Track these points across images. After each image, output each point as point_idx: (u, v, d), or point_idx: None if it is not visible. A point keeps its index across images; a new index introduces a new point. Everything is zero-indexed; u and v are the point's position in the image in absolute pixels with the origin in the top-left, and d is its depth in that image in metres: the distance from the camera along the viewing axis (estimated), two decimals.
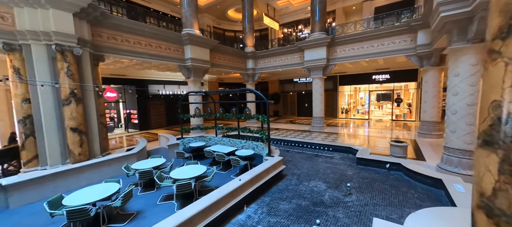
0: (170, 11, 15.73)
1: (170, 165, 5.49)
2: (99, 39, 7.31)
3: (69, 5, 5.96)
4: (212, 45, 11.47)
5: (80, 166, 5.50)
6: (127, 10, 11.00)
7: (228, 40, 19.31)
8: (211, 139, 8.03)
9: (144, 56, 8.76)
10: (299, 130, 12.68)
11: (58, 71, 6.08)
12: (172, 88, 16.46)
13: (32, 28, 5.72)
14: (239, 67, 14.31)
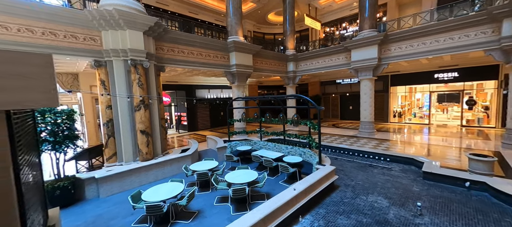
0: (214, 20, 16.81)
1: (223, 168, 5.84)
2: (161, 52, 8.31)
3: (141, 25, 6.95)
4: (255, 51, 11.76)
5: (149, 164, 6.34)
6: (178, 23, 12.21)
7: (267, 43, 19.53)
8: (256, 143, 8.22)
9: (195, 64, 9.57)
10: (345, 135, 11.89)
11: (132, 82, 7.14)
12: (216, 93, 17.52)
13: (114, 47, 6.88)
14: (279, 70, 14.30)
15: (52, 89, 1.65)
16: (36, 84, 1.58)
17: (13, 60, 1.51)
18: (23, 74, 1.53)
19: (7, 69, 1.47)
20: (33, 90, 1.57)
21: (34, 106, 1.62)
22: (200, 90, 16.49)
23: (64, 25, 6.18)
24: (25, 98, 1.54)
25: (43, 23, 5.86)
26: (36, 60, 1.59)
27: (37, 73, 1.59)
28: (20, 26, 5.57)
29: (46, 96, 1.63)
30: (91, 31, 6.67)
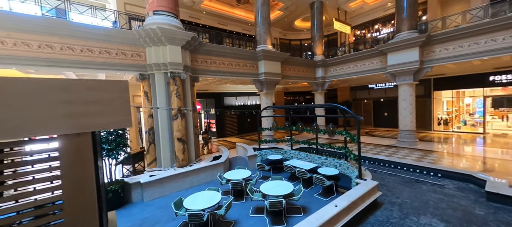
0: (242, 30, 17.29)
1: (256, 178, 5.85)
2: (196, 64, 8.80)
3: (179, 40, 7.49)
4: (283, 58, 11.75)
5: (185, 171, 6.67)
6: (209, 35, 12.85)
7: (294, 49, 19.38)
8: (286, 152, 8.09)
9: (226, 74, 9.92)
10: (382, 144, 11.03)
11: (171, 93, 7.68)
12: (243, 100, 17.87)
13: (156, 61, 7.50)
14: (307, 77, 14.01)
15: (127, 112, 1.85)
16: (115, 109, 1.79)
17: (96, 87, 1.74)
18: (104, 100, 1.74)
19: (91, 96, 1.69)
20: (112, 114, 1.78)
21: (113, 128, 1.83)
22: (228, 98, 16.98)
23: (116, 44, 6.97)
24: (107, 121, 1.75)
25: (100, 43, 6.69)
26: (115, 87, 1.81)
27: (116, 98, 1.80)
28: (82, 47, 6.43)
29: (123, 119, 1.82)
30: (138, 48, 7.39)
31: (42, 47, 5.83)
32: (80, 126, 1.66)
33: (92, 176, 1.78)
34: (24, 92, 1.45)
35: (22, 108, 1.45)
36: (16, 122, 1.44)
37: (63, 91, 1.59)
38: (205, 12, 14.49)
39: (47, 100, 1.52)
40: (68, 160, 1.67)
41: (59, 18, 6.84)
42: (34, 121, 1.49)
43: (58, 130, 1.57)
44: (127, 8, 11.04)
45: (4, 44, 5.38)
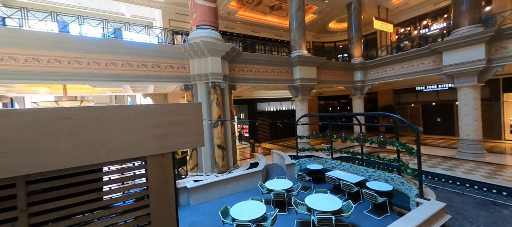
0: (274, 36, 17.36)
1: (298, 189, 5.68)
2: (233, 73, 9.09)
3: (220, 52, 7.85)
4: (319, 63, 11.36)
5: (227, 178, 6.87)
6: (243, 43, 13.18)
7: (327, 52, 18.65)
8: (327, 162, 7.70)
9: (262, 81, 10.00)
10: (437, 155, 9.70)
11: (211, 101, 8.06)
12: (275, 105, 17.80)
13: (198, 72, 7.98)
14: (345, 81, 13.26)
15: (201, 132, 1.95)
16: (191, 129, 1.91)
17: (175, 110, 1.87)
18: (182, 121, 1.87)
19: (172, 118, 1.83)
20: (188, 135, 1.90)
21: (189, 147, 1.96)
22: (261, 104, 17.12)
23: (165, 58, 7.64)
24: (184, 141, 1.88)
25: (152, 59, 7.41)
26: (191, 108, 1.93)
27: (191, 119, 1.92)
28: (139, 63, 7.21)
29: (197, 139, 1.94)
30: (183, 61, 7.98)
31: (108, 65, 6.72)
32: (164, 147, 1.80)
33: (173, 191, 1.92)
34: (122, 118, 1.64)
35: (120, 132, 1.64)
36: (117, 144, 1.63)
37: (149, 115, 1.75)
38: (239, 21, 15.00)
39: (138, 125, 1.69)
40: (154, 177, 1.83)
41: (120, 39, 7.82)
42: (130, 144, 1.67)
43: (148, 151, 1.74)
44: (171, 24, 12.08)
45: (81, 63, 6.36)
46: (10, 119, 1.30)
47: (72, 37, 6.42)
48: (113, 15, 11.79)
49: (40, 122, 1.35)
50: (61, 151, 1.41)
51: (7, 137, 1.28)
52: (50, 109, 1.40)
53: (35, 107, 1.35)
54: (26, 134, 1.32)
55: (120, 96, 15.36)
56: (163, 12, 11.96)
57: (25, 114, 1.33)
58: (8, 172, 1.31)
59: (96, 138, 1.52)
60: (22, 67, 5.65)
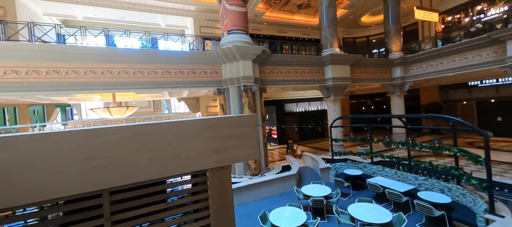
0: (301, 35, 16.93)
1: (338, 197, 5.39)
2: (263, 75, 9.08)
3: (251, 55, 7.91)
4: (353, 61, 10.70)
5: (261, 181, 6.88)
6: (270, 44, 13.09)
7: (359, 48, 17.52)
8: (366, 167, 7.19)
9: (292, 82, 9.81)
10: (501, 161, 8.34)
11: (243, 104, 8.17)
12: (304, 106, 17.34)
13: (230, 76, 8.15)
14: (381, 78, 12.25)
15: (256, 145, 1.95)
16: (247, 143, 1.91)
17: (232, 123, 1.89)
18: (239, 134, 1.89)
19: (230, 132, 1.86)
20: (244, 148, 1.90)
21: (245, 160, 1.96)
22: (289, 104, 16.84)
23: (199, 64, 7.98)
24: (241, 154, 1.89)
25: (187, 65, 7.81)
26: (247, 121, 1.94)
27: (247, 132, 1.93)
28: (176, 70, 7.65)
29: (253, 152, 1.94)
30: (215, 66, 8.25)
31: (150, 73, 7.27)
32: (223, 160, 1.83)
33: (232, 203, 1.96)
34: (187, 133, 1.71)
35: (185, 146, 1.71)
36: (183, 158, 1.71)
37: (210, 129, 1.79)
38: (265, 22, 14.98)
39: (201, 138, 1.75)
40: (215, 190, 1.88)
41: (160, 49, 8.40)
42: (194, 157, 1.74)
43: (209, 164, 1.79)
44: (202, 30, 12.60)
45: (128, 73, 7.00)
46: (101, 138, 1.43)
47: (121, 50, 7.11)
48: (150, 26, 12.78)
49: (124, 139, 1.47)
50: (141, 165, 1.51)
51: (97, 153, 1.42)
52: (131, 126, 1.51)
53: (120, 125, 1.49)
54: (113, 150, 1.44)
55: (157, 101, 16.60)
56: (194, 20, 12.54)
57: (113, 131, 1.46)
58: (99, 185, 1.44)
59: (166, 152, 1.60)
60: (82, 79, 6.44)
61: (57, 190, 1.34)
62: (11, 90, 5.76)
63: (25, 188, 1.28)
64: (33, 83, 5.91)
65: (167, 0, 10.79)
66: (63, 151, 1.36)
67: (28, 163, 1.29)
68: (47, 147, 1.33)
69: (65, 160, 1.36)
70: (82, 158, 1.40)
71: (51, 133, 1.35)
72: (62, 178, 1.37)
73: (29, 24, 6.36)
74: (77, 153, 1.38)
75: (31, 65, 5.86)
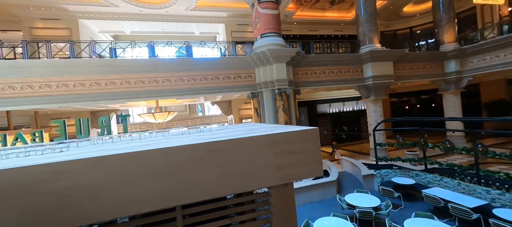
0: (333, 32, 16.10)
1: (389, 209, 4.90)
2: (297, 77, 8.84)
3: (285, 58, 7.78)
4: (397, 56, 9.72)
5: (298, 187, 6.69)
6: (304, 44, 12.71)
7: (400, 41, 15.87)
8: (419, 175, 6.41)
9: (327, 83, 9.35)
10: None
11: (277, 108, 8.07)
12: (338, 106, 16.46)
13: (264, 80, 8.14)
14: (432, 74, 10.86)
15: (319, 160, 1.84)
16: (309, 158, 1.82)
17: (294, 138, 1.81)
18: (301, 150, 1.80)
19: (291, 147, 1.78)
20: (306, 163, 1.81)
21: (308, 177, 1.87)
22: (321, 105, 16.17)
23: (233, 69, 8.14)
24: (303, 170, 1.80)
25: (223, 71, 8.03)
26: (308, 135, 1.85)
27: (309, 148, 1.83)
28: (212, 76, 7.94)
29: (315, 168, 1.84)
30: (249, 70, 8.33)
31: (190, 80, 7.69)
32: (286, 177, 1.77)
33: (295, 221, 1.90)
34: (251, 150, 1.68)
35: (249, 163, 1.69)
36: (248, 174, 1.70)
37: (274, 145, 1.75)
38: (296, 22, 14.64)
39: (264, 155, 1.71)
40: (278, 208, 1.84)
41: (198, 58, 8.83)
42: (258, 174, 1.71)
43: (272, 181, 1.74)
44: (233, 35, 12.90)
45: (170, 81, 7.52)
46: (176, 156, 1.50)
47: (164, 60, 7.67)
48: (186, 35, 13.60)
49: (196, 156, 1.51)
50: (209, 182, 1.54)
51: (173, 170, 1.48)
52: (203, 144, 1.54)
53: (192, 143, 1.55)
54: (187, 168, 1.49)
55: (192, 104, 17.58)
56: (226, 26, 12.92)
57: (186, 149, 1.51)
58: (175, 200, 1.50)
59: (232, 168, 1.60)
60: (133, 89, 7.14)
61: (137, 205, 1.44)
62: (79, 100, 6.68)
63: (109, 203, 1.39)
64: (94, 94, 6.76)
65: (201, 9, 11.31)
66: (143, 168, 1.45)
67: (112, 180, 1.41)
68: (129, 165, 1.43)
69: (145, 177, 1.45)
70: (160, 175, 1.48)
71: (132, 152, 1.45)
72: (143, 194, 1.46)
73: (91, 43, 7.30)
74: (155, 170, 1.46)
75: (93, 78, 6.71)
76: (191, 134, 2.82)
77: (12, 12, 9.12)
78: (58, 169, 1.27)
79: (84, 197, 1.34)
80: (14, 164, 1.32)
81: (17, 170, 1.21)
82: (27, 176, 1.21)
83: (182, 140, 1.86)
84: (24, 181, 1.21)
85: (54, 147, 2.35)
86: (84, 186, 1.33)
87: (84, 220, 1.32)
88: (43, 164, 1.25)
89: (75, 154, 1.57)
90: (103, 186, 1.36)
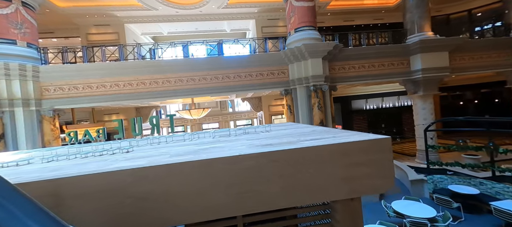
0: (372, 20, 14.75)
1: (448, 222, 4.31)
2: (333, 72, 8.33)
3: (321, 52, 7.37)
4: (454, 45, 8.43)
5: None
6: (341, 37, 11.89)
7: (453, 26, 13.76)
8: (483, 184, 5.51)
9: (367, 78, 8.62)
10: None
11: (312, 105, 7.74)
12: (375, 102, 15.19)
13: (298, 76, 7.85)
14: (500, 64, 9.18)
15: (391, 173, 1.64)
16: (380, 170, 1.63)
17: (366, 148, 1.62)
18: (372, 161, 1.62)
19: (361, 158, 1.61)
20: (377, 177, 1.62)
21: (378, 192, 1.69)
22: (357, 101, 15.11)
23: (266, 66, 8.03)
24: (373, 184, 1.62)
25: (256, 68, 7.98)
26: (381, 145, 1.65)
27: (381, 159, 1.64)
28: (246, 73, 7.96)
29: (387, 182, 1.65)
30: (282, 67, 8.12)
31: (224, 78, 7.83)
32: (353, 191, 1.62)
33: None
34: (317, 160, 1.57)
35: (315, 174, 1.58)
36: (313, 186, 1.59)
37: (341, 155, 1.60)
38: (329, 13, 13.78)
39: (331, 166, 1.58)
40: (343, 224, 1.71)
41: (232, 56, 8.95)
42: (323, 186, 1.59)
43: (338, 194, 1.61)
44: (264, 31, 12.74)
45: (206, 80, 7.76)
46: (238, 164, 1.46)
47: (200, 60, 7.96)
48: (218, 33, 13.91)
49: (260, 165, 1.45)
50: (274, 193, 1.47)
51: (236, 179, 1.45)
52: (266, 153, 1.48)
53: (255, 152, 1.50)
54: (249, 177, 1.44)
55: (223, 101, 18.09)
56: (256, 21, 12.80)
57: (249, 158, 1.47)
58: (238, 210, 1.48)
59: (296, 180, 1.50)
60: (173, 87, 7.57)
61: (203, 213, 1.44)
62: (128, 99, 7.36)
63: (179, 210, 1.42)
64: (140, 92, 7.36)
65: (233, 6, 11.38)
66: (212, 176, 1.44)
67: (184, 187, 1.43)
68: (200, 173, 1.44)
69: (213, 185, 1.44)
70: (226, 184, 1.46)
71: (201, 160, 1.45)
72: (208, 202, 1.47)
73: (137, 46, 7.93)
74: (222, 178, 1.44)
75: (139, 78, 7.30)
76: (238, 135, 2.82)
77: (73, 21, 10.42)
78: (141, 174, 1.32)
79: (159, 202, 1.39)
80: (101, 167, 1.44)
81: (107, 174, 1.29)
82: (116, 180, 1.29)
83: (235, 145, 1.83)
84: (114, 185, 1.29)
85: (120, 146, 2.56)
86: (160, 191, 1.38)
87: (155, 226, 1.36)
88: (129, 169, 1.31)
89: (144, 157, 1.65)
90: (176, 192, 1.39)
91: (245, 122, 18.93)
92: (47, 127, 6.76)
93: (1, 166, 1.97)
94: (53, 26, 10.71)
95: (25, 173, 1.57)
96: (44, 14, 9.00)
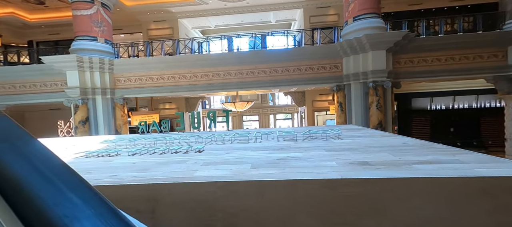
0: (448, 3, 12.19)
1: None
2: (397, 66, 7.19)
3: (386, 43, 6.39)
4: None
5: None
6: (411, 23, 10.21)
7: None
8: None
9: (443, 74, 7.17)
10: None
11: (369, 104, 6.88)
12: (442, 101, 12.80)
13: (354, 71, 7.05)
14: None
15: None
16: None
17: None
18: None
19: (506, 200, 1.18)
20: None
21: None
22: (418, 100, 13.01)
23: (317, 59, 7.45)
24: None
25: (306, 61, 7.49)
26: None
27: None
28: (294, 67, 7.55)
29: None
30: (335, 60, 7.41)
31: (272, 72, 7.61)
32: None
33: None
34: (439, 196, 1.20)
35: (439, 217, 1.23)
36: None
37: (484, 194, 1.21)
38: None
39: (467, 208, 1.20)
40: None
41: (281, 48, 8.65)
42: None
43: None
44: (312, 21, 11.89)
45: (253, 73, 7.69)
46: (338, 190, 1.21)
47: (247, 53, 7.90)
48: (263, 24, 13.67)
49: (368, 194, 1.18)
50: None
51: (333, 208, 1.22)
52: (375, 180, 1.19)
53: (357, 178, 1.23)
54: (354, 206, 1.19)
55: (264, 94, 18.04)
56: (304, 10, 12.02)
57: (355, 183, 1.21)
58: None
59: (411, 218, 1.18)
60: (222, 80, 7.75)
61: None
62: (183, 91, 7.90)
63: None
64: (193, 85, 7.79)
65: None
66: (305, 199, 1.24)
67: (273, 207, 1.27)
68: (289, 195, 1.26)
69: (302, 209, 1.25)
70: (322, 211, 1.24)
71: (295, 180, 1.25)
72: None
73: (190, 40, 8.34)
74: (312, 203, 1.22)
75: (192, 71, 7.70)
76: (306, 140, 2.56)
77: (136, 18, 11.65)
78: (232, 189, 1.24)
79: (249, 220, 1.26)
80: (186, 172, 1.41)
81: (199, 184, 1.24)
82: (207, 192, 1.22)
83: (315, 155, 1.60)
84: (205, 196, 1.22)
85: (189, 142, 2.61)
86: (251, 209, 1.26)
87: None
88: (220, 181, 1.26)
89: (222, 163, 1.59)
90: (266, 211, 1.26)
91: (284, 116, 18.57)
92: (118, 113, 7.81)
93: (97, 156, 2.20)
94: (121, 23, 12.21)
95: (119, 169, 1.66)
96: (115, 13, 10.28)
